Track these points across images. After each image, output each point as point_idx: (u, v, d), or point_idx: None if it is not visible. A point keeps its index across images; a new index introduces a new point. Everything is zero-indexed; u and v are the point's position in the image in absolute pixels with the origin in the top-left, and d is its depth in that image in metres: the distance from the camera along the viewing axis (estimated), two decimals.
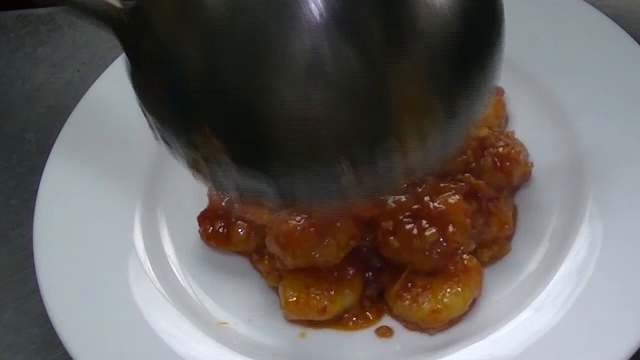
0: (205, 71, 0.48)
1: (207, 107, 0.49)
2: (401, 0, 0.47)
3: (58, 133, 0.81)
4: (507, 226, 0.70)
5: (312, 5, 0.45)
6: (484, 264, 0.69)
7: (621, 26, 0.79)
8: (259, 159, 0.50)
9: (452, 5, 0.48)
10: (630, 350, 0.60)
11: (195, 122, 0.50)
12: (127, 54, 0.53)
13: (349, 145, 0.48)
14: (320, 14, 0.45)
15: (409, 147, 0.49)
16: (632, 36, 0.77)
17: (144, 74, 0.52)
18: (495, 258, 0.70)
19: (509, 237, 0.71)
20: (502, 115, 0.78)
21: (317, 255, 0.67)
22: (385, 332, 0.68)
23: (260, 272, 0.73)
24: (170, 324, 0.68)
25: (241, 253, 0.74)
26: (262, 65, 0.47)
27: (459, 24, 0.49)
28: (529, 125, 0.77)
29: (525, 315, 0.64)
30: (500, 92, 0.78)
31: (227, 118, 0.49)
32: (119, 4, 0.53)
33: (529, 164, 0.74)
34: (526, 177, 0.74)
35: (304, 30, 0.46)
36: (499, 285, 0.69)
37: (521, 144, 0.75)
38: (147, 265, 0.72)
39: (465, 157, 0.72)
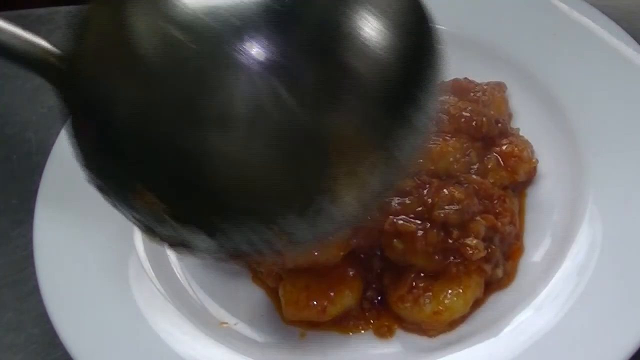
0: (138, 123, 0.46)
1: (140, 163, 0.47)
2: (333, 46, 0.46)
3: (58, 133, 0.81)
4: (513, 226, 0.70)
5: (247, 57, 0.44)
6: (500, 281, 0.69)
7: (621, 26, 0.79)
8: (191, 212, 0.48)
9: (386, 47, 0.47)
10: (630, 350, 0.60)
11: (130, 178, 0.48)
12: (64, 105, 0.50)
13: (286, 198, 0.47)
14: (254, 65, 0.44)
15: (347, 197, 0.48)
16: (632, 36, 0.78)
17: (80, 127, 0.50)
18: (508, 273, 0.69)
19: (518, 236, 0.71)
20: (504, 112, 0.78)
21: (317, 254, 0.67)
22: (385, 333, 0.68)
23: (258, 273, 0.73)
24: (170, 324, 0.68)
25: None
26: (194, 118, 0.45)
27: (393, 65, 0.47)
28: (532, 123, 0.77)
29: (525, 315, 0.64)
30: (502, 88, 0.78)
31: (161, 173, 0.47)
32: (55, 50, 0.50)
33: (534, 161, 0.74)
34: (532, 174, 0.74)
35: (240, 81, 0.44)
36: (499, 285, 0.69)
37: (526, 141, 0.75)
38: (147, 265, 0.72)
39: (468, 157, 0.72)
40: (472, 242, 0.65)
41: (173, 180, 0.47)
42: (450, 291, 0.66)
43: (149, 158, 0.47)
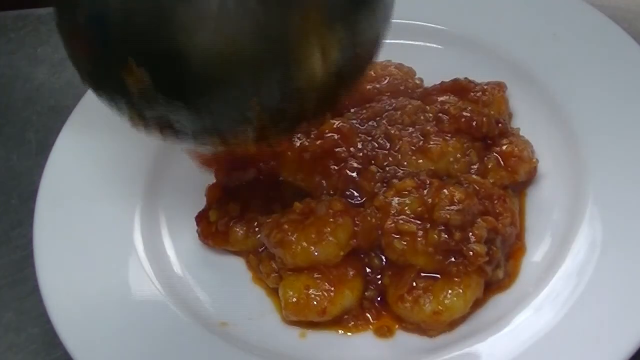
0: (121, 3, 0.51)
1: (127, 38, 0.52)
2: None
3: (58, 133, 0.81)
4: (514, 226, 0.70)
5: None
6: (501, 282, 0.69)
7: (621, 26, 0.79)
8: (177, 85, 0.53)
9: None
10: (630, 350, 0.60)
11: (119, 56, 0.53)
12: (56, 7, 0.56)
13: (262, 68, 0.52)
14: None
15: (316, 68, 0.53)
16: (632, 36, 0.78)
17: (69, 19, 0.55)
18: (509, 274, 0.69)
19: (519, 236, 0.71)
20: (504, 112, 0.78)
21: (317, 254, 0.67)
22: (385, 333, 0.68)
23: (257, 273, 0.73)
24: (170, 324, 0.68)
25: (239, 253, 0.74)
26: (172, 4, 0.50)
27: None
28: (532, 123, 0.77)
29: (525, 315, 0.64)
30: (502, 88, 0.78)
31: (148, 49, 0.52)
32: None
33: (534, 160, 0.74)
34: (532, 173, 0.74)
35: None
36: (500, 287, 0.69)
37: (526, 141, 0.75)
38: (147, 265, 0.72)
39: (468, 157, 0.72)
40: (477, 247, 0.65)
41: (159, 55, 0.52)
42: (450, 291, 0.65)
43: (136, 37, 0.52)
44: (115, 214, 0.76)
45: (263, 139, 0.59)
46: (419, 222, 0.67)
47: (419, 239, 0.66)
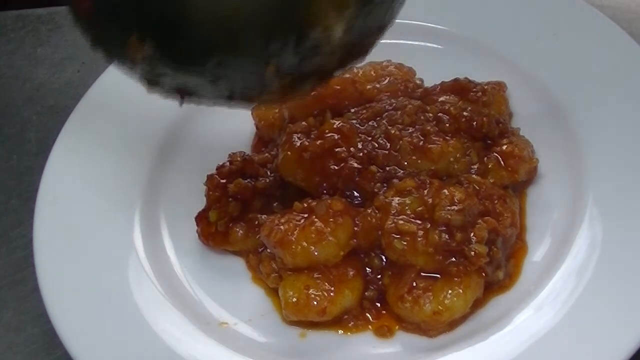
0: None
1: (132, 13, 0.50)
2: None
3: (58, 133, 0.81)
4: (514, 227, 0.70)
5: None
6: (501, 283, 0.69)
7: (621, 26, 0.79)
8: (188, 53, 0.50)
9: None
10: (630, 350, 0.60)
11: (124, 32, 0.51)
12: None
13: (272, 31, 0.50)
14: None
15: (331, 28, 0.51)
16: (632, 37, 0.78)
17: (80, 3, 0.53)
18: (510, 274, 0.69)
19: (520, 236, 0.71)
20: (504, 112, 0.78)
21: (317, 254, 0.67)
22: (385, 333, 0.68)
23: (257, 273, 0.73)
24: (170, 324, 0.68)
25: (238, 253, 0.74)
26: None
27: None
28: (532, 123, 0.77)
29: (525, 315, 0.64)
30: (502, 88, 0.78)
31: (152, 20, 0.50)
32: None
33: (535, 160, 0.74)
34: (532, 173, 0.74)
35: None
36: (501, 288, 0.69)
37: (526, 141, 0.75)
38: (147, 265, 0.72)
39: (469, 157, 0.72)
40: (478, 248, 0.65)
41: (162, 22, 0.50)
42: (450, 291, 0.65)
43: (137, 6, 0.50)
44: (115, 214, 0.76)
45: (285, 99, 0.57)
46: (419, 222, 0.67)
47: (419, 239, 0.66)
